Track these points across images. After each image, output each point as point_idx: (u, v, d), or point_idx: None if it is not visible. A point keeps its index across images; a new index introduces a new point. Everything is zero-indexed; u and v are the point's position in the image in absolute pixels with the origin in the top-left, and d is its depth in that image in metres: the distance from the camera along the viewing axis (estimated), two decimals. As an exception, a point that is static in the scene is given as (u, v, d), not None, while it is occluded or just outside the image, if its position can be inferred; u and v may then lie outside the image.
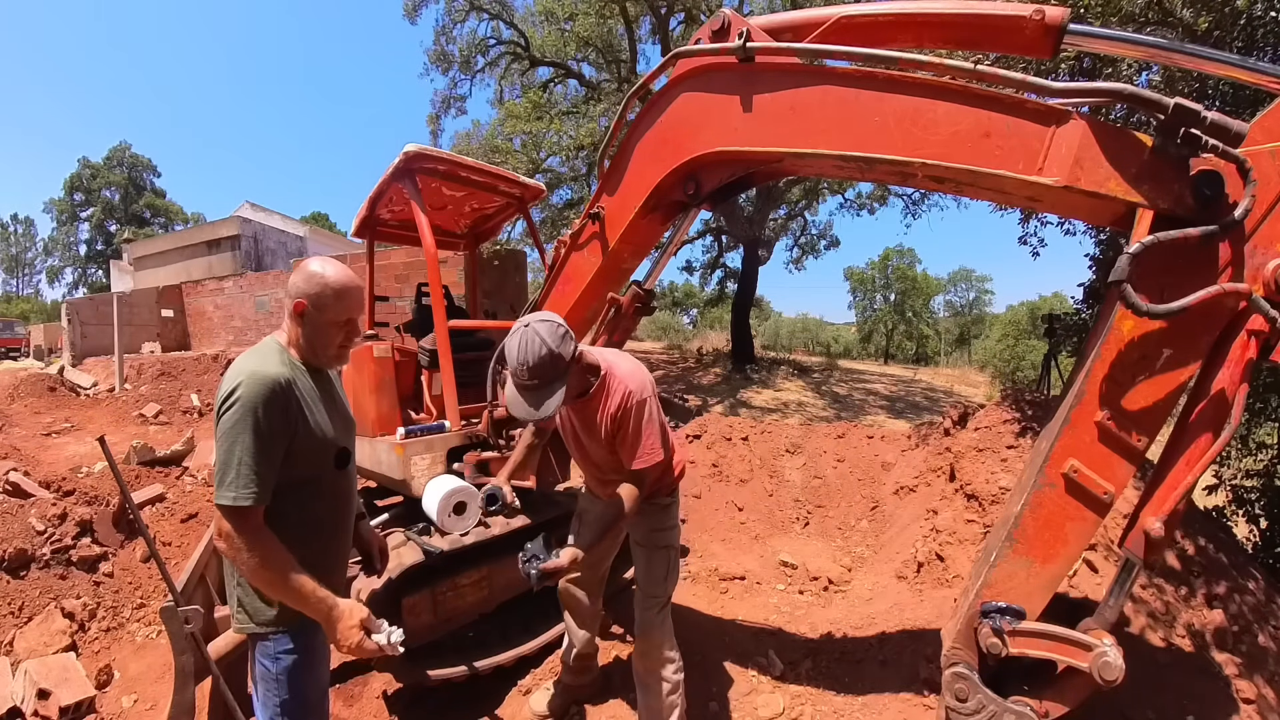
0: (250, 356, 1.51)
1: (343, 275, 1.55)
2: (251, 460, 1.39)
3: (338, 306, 1.53)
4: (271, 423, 1.41)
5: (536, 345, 1.71)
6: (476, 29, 13.70)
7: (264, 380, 1.42)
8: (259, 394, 1.40)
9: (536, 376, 1.72)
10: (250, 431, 1.39)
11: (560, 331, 1.77)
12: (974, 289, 42.63)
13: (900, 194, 13.99)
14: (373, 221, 3.63)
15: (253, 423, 1.39)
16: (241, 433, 1.39)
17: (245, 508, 1.39)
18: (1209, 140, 1.38)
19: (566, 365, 1.76)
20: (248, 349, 1.58)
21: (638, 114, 2.33)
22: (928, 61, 1.66)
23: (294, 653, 1.53)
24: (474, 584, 2.77)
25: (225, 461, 1.39)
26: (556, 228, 11.30)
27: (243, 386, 1.40)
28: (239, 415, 1.39)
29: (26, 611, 3.29)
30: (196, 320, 14.48)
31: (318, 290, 1.51)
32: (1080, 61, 3.94)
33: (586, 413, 2.01)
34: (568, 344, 1.77)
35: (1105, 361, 1.53)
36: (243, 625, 1.55)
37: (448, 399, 2.98)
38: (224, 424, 1.41)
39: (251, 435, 1.39)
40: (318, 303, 1.52)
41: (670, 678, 2.18)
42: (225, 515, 1.40)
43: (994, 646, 1.60)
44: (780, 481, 5.42)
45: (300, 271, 1.55)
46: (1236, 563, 3.40)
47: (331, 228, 36.84)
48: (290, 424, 1.46)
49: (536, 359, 1.71)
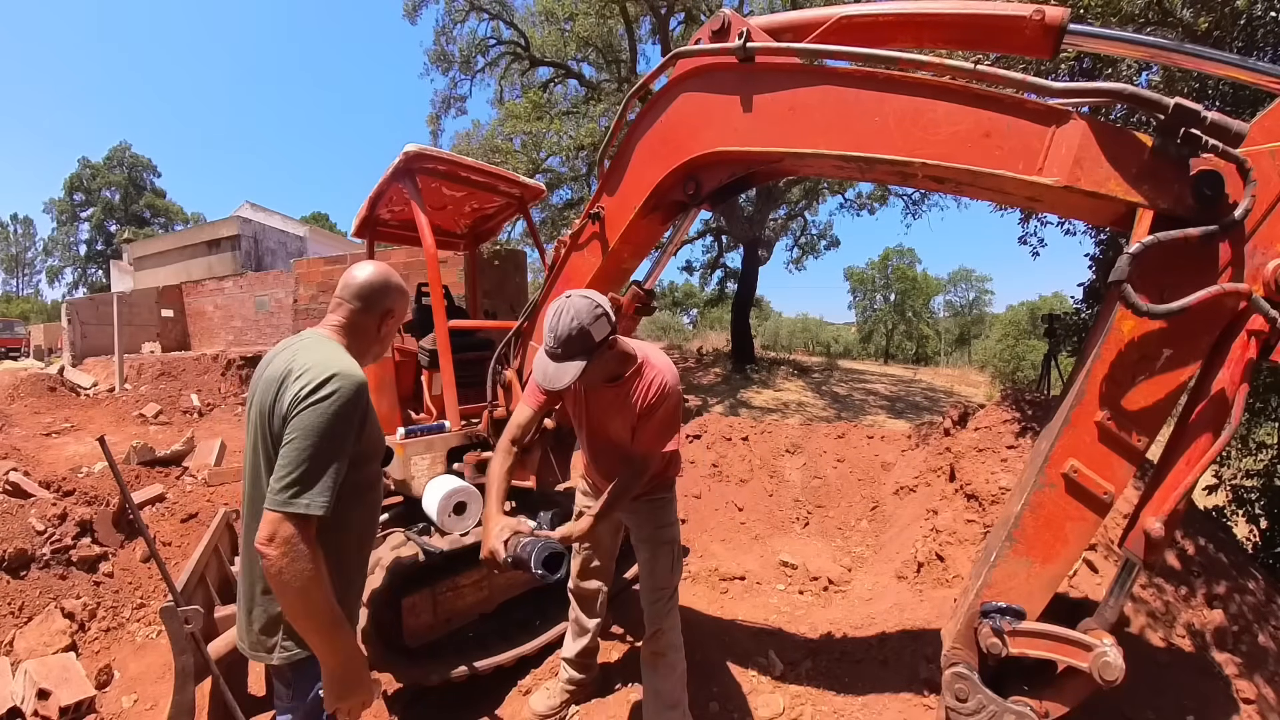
0: (329, 352, 1.41)
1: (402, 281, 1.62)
2: (334, 470, 1.30)
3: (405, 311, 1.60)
4: (353, 431, 1.35)
5: (568, 319, 1.74)
6: (476, 29, 13.71)
7: (358, 383, 1.35)
8: (355, 394, 1.33)
9: (561, 347, 1.75)
10: (338, 438, 1.30)
11: (597, 311, 1.78)
12: (974, 289, 42.69)
13: (900, 194, 13.99)
14: (373, 221, 3.62)
15: (343, 430, 1.31)
16: (331, 438, 1.29)
17: (316, 517, 1.27)
18: (1209, 140, 1.38)
19: (595, 345, 1.78)
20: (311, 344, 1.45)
21: (638, 114, 2.33)
22: (928, 61, 1.66)
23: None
24: (474, 584, 2.77)
25: (305, 464, 1.26)
26: (556, 228, 11.30)
27: (338, 382, 1.31)
28: (331, 418, 1.29)
29: (26, 611, 3.29)
30: (196, 320, 14.49)
31: (404, 300, 1.59)
32: (1080, 61, 3.94)
33: (618, 397, 2.04)
34: (601, 326, 1.78)
35: (1105, 361, 1.53)
36: (293, 653, 1.40)
37: (448, 399, 2.98)
38: (310, 419, 1.28)
39: (339, 442, 1.30)
40: (401, 310, 1.58)
41: (678, 663, 2.27)
42: (293, 521, 1.25)
43: (994, 646, 1.60)
44: (780, 481, 5.42)
45: (383, 280, 1.57)
46: (1236, 562, 3.40)
47: (331, 228, 36.82)
48: (364, 429, 1.40)
49: (565, 331, 1.74)
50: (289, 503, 1.25)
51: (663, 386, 1.97)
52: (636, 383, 2.00)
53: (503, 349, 3.00)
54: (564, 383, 1.75)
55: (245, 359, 9.87)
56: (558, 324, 1.75)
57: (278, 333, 12.52)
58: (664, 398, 1.97)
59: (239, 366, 9.77)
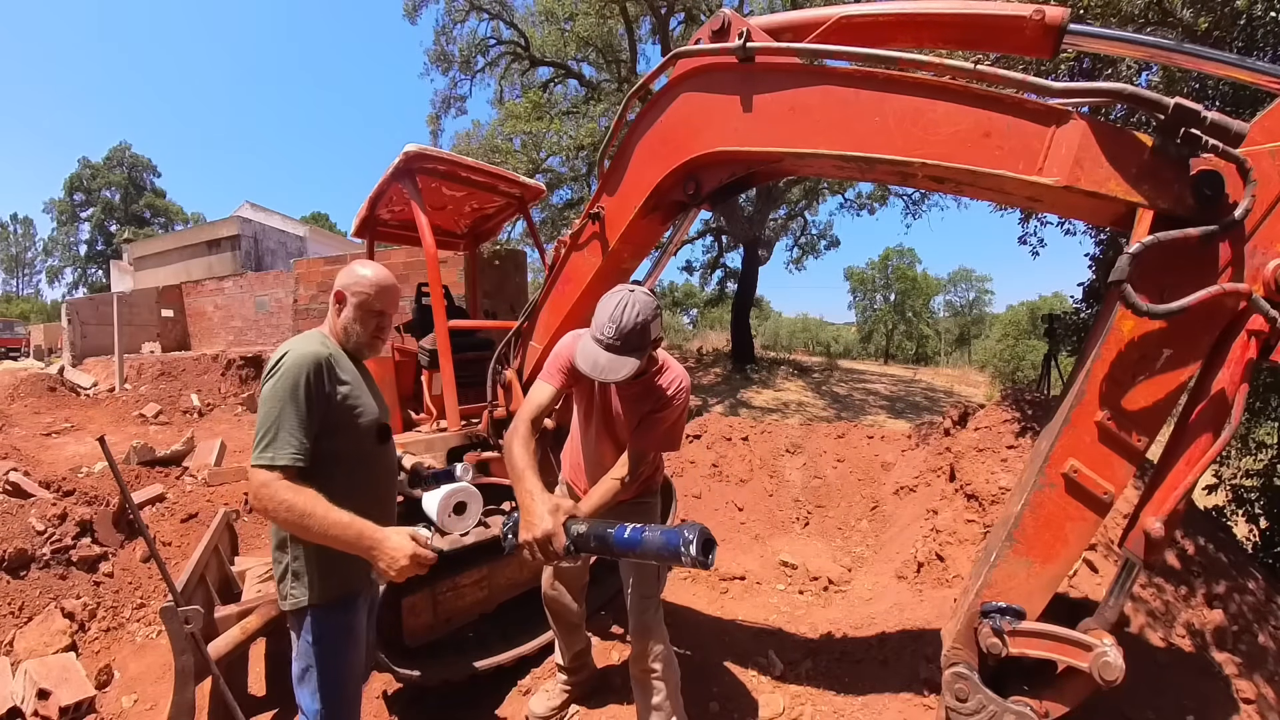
0: (294, 339, 1.65)
1: (380, 273, 1.74)
2: (290, 424, 1.49)
3: (371, 298, 1.70)
4: (310, 391, 1.52)
5: (634, 312, 1.74)
6: (476, 29, 13.73)
7: (305, 353, 1.55)
8: (300, 364, 1.52)
9: (621, 340, 1.75)
10: (289, 399, 1.49)
11: (657, 309, 1.83)
12: (974, 289, 42.67)
13: (900, 194, 14.01)
14: (373, 221, 3.63)
15: (292, 390, 1.50)
16: (283, 400, 1.49)
17: (281, 466, 1.46)
18: (1209, 140, 1.38)
19: (650, 343, 1.81)
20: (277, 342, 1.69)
21: (638, 114, 2.33)
22: (928, 61, 1.65)
23: (339, 629, 1.64)
24: (474, 584, 2.77)
25: (264, 425, 1.49)
26: (556, 228, 11.32)
27: (287, 358, 1.54)
28: (280, 383, 1.50)
29: (26, 611, 3.29)
30: (196, 320, 14.48)
31: (354, 281, 1.70)
32: (1080, 61, 3.94)
33: (634, 395, 2.05)
34: (658, 325, 1.83)
35: (1105, 361, 1.53)
36: (297, 600, 1.60)
37: (448, 399, 2.98)
38: (266, 391, 1.52)
39: (290, 402, 1.49)
40: (354, 291, 1.70)
41: (669, 677, 2.17)
42: (259, 474, 1.46)
43: (994, 646, 1.60)
44: (780, 481, 5.42)
45: (345, 270, 1.74)
46: (1236, 562, 3.40)
47: (331, 228, 36.81)
48: (328, 395, 1.58)
49: (630, 324, 1.74)
50: (256, 458, 1.48)
51: (682, 390, 2.01)
52: (656, 380, 2.02)
53: (503, 349, 3.00)
54: (619, 377, 1.74)
55: (245, 359, 9.87)
56: (621, 316, 1.74)
57: (278, 333, 12.51)
58: (678, 400, 2.00)
59: (239, 366, 9.77)
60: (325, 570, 1.61)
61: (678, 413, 2.01)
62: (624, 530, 1.59)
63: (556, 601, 2.44)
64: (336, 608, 1.65)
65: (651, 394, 2.01)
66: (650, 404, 2.01)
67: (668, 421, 2.00)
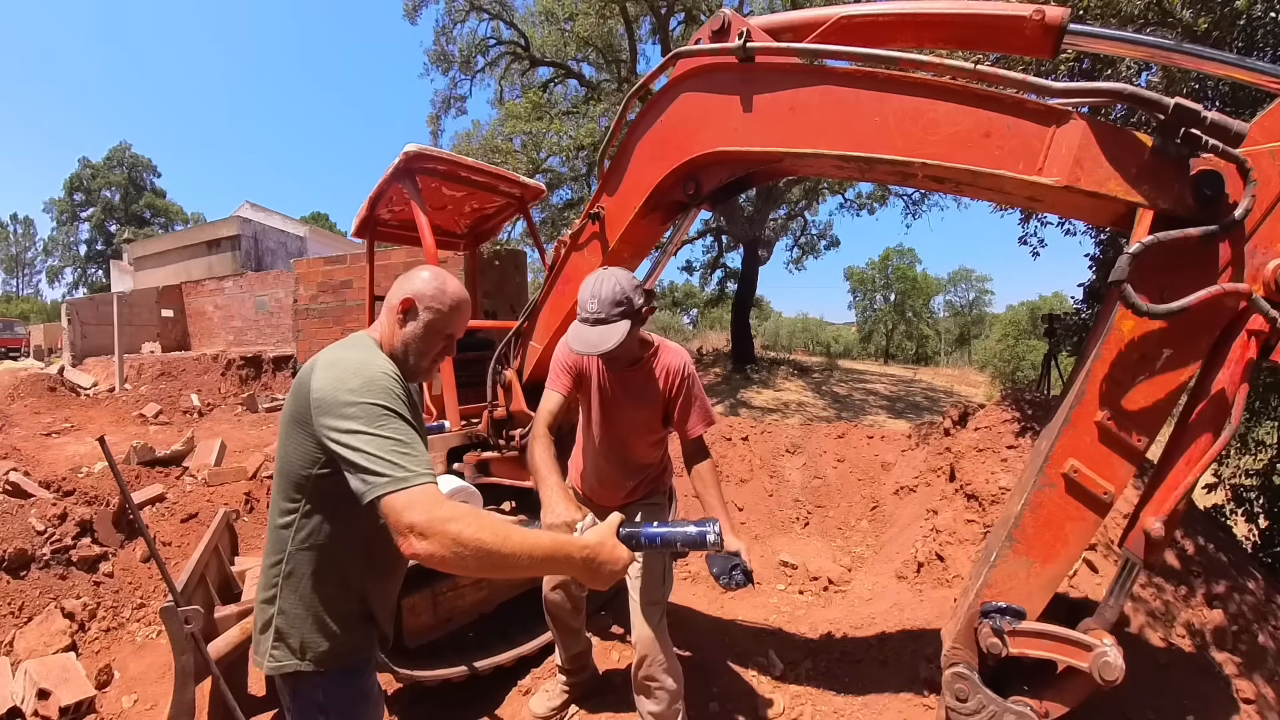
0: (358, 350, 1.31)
1: (459, 290, 1.40)
2: (414, 440, 1.20)
3: (446, 316, 1.38)
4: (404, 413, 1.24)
5: (611, 283, 1.84)
6: (476, 29, 13.73)
7: (387, 371, 1.26)
8: (389, 384, 1.24)
9: (604, 309, 1.80)
10: (396, 417, 1.20)
11: (635, 281, 1.90)
12: (974, 289, 42.61)
13: (900, 194, 13.99)
14: (373, 221, 3.63)
15: (394, 409, 1.21)
16: (389, 419, 1.18)
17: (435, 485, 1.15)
18: (1209, 140, 1.37)
19: (634, 310, 1.85)
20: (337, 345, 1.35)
21: (638, 114, 2.32)
22: (928, 61, 1.65)
23: (352, 692, 1.37)
24: (474, 584, 2.77)
25: (378, 451, 1.13)
26: (556, 228, 11.31)
27: (371, 376, 1.22)
28: (377, 406, 1.19)
29: (26, 611, 3.29)
30: (196, 320, 14.48)
31: (431, 293, 1.35)
32: (1080, 61, 3.93)
33: (637, 381, 2.10)
34: (639, 295, 1.89)
35: (1105, 361, 1.53)
36: (282, 663, 1.29)
37: (448, 399, 2.98)
38: (357, 416, 1.17)
39: (399, 420, 1.20)
40: (429, 305, 1.35)
41: (671, 685, 2.13)
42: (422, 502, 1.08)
43: (994, 646, 1.59)
44: (780, 481, 5.42)
45: (413, 275, 1.39)
46: (1236, 562, 3.40)
47: (331, 228, 36.80)
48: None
49: (610, 294, 1.81)
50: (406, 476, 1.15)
51: (683, 364, 2.07)
52: (655, 364, 2.07)
53: (503, 349, 3.00)
54: (610, 344, 1.78)
55: (245, 359, 9.87)
56: (600, 289, 1.82)
57: (278, 333, 12.50)
58: (687, 376, 2.07)
59: (239, 366, 9.77)
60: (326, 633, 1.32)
61: (695, 386, 2.09)
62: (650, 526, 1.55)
63: (558, 605, 2.42)
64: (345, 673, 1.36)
65: (655, 377, 2.04)
66: (659, 387, 2.05)
67: (689, 396, 2.07)
